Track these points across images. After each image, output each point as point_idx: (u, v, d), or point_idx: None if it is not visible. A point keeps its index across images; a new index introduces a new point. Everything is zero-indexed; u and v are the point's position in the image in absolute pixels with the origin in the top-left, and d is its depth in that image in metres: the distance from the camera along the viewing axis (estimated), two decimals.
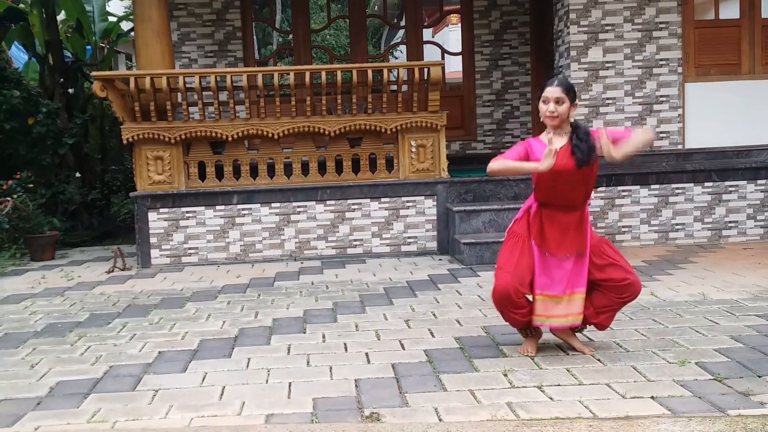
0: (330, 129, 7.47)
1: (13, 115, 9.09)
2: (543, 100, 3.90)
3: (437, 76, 7.32)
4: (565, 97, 3.85)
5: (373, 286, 6.19)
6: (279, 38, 18.71)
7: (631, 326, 4.69)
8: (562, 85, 3.88)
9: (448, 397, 3.57)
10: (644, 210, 7.71)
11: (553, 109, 3.85)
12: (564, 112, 3.87)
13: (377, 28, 21.62)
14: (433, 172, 7.60)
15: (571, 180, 3.90)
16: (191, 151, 7.60)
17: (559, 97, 3.84)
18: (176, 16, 9.29)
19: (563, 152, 3.85)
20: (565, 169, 3.84)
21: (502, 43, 9.66)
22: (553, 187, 3.94)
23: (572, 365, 3.96)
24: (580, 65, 7.70)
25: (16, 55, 13.62)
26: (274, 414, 3.43)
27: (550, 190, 3.97)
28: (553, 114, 3.86)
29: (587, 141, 3.85)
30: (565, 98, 3.85)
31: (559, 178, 3.87)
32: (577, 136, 3.89)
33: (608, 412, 3.33)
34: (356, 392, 3.67)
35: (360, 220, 7.57)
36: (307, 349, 4.42)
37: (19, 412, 3.54)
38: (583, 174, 3.91)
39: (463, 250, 6.98)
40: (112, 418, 3.44)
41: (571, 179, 3.90)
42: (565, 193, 3.96)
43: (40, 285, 6.72)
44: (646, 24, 7.73)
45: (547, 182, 3.93)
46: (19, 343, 4.76)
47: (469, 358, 4.13)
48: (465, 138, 9.70)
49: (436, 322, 4.97)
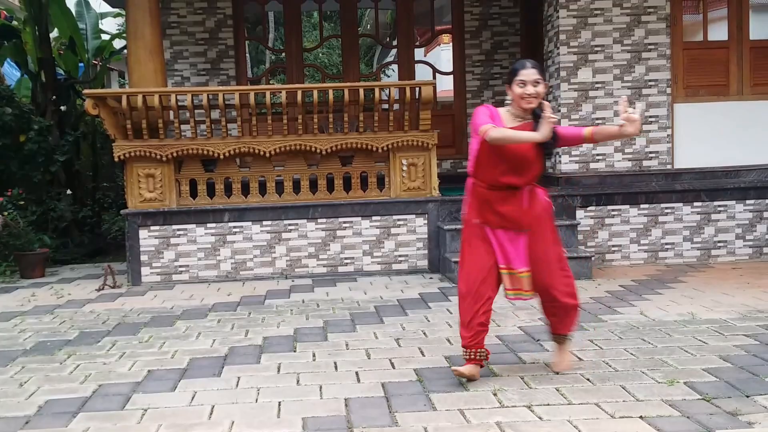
0: (321, 147, 7.50)
1: (5, 132, 9.07)
2: (519, 83, 3.90)
3: (428, 96, 7.37)
4: (541, 78, 3.92)
5: (364, 305, 6.20)
6: (272, 56, 18.79)
7: (620, 345, 4.71)
8: (537, 68, 3.94)
9: (438, 416, 3.57)
10: (634, 229, 7.76)
11: (532, 91, 3.89)
12: (541, 93, 3.94)
13: (369, 47, 21.75)
14: (425, 191, 7.63)
15: (526, 159, 3.96)
16: (183, 169, 7.61)
17: (537, 79, 3.89)
18: (169, 34, 9.34)
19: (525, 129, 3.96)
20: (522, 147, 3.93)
21: (493, 62, 9.74)
22: (501, 162, 3.97)
23: (561, 384, 3.97)
24: (570, 85, 7.77)
25: (8, 72, 13.63)
26: None
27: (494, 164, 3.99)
28: (535, 96, 3.90)
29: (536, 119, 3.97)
30: (541, 79, 3.92)
31: (516, 155, 3.94)
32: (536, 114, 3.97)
33: (597, 431, 3.33)
34: (346, 411, 3.67)
35: (351, 239, 7.58)
36: (297, 368, 4.41)
37: (7, 431, 3.52)
38: (537, 153, 4.00)
39: (453, 269, 6.98)
40: None
41: (527, 157, 3.96)
42: (509, 170, 3.99)
43: (30, 302, 6.69)
44: (636, 45, 7.81)
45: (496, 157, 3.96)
46: (8, 361, 4.73)
47: (459, 378, 4.13)
48: (456, 157, 9.74)
49: (427, 340, 4.98)
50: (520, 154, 3.94)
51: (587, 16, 7.76)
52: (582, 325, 5.25)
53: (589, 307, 5.83)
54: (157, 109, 7.26)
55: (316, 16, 20.78)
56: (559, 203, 7.70)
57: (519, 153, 3.94)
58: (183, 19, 9.47)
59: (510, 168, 3.98)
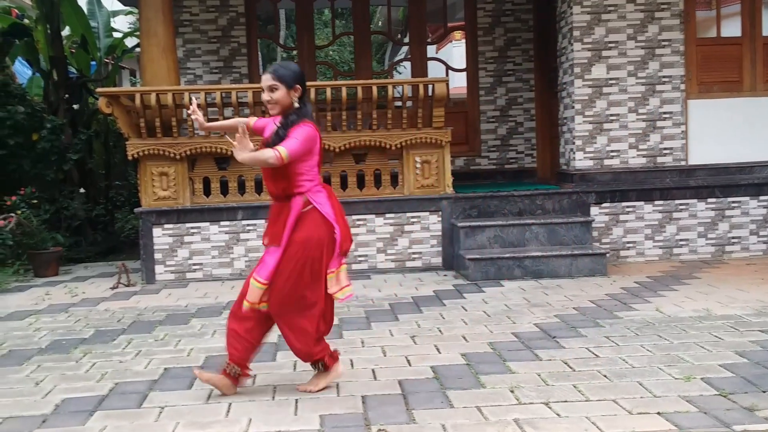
0: (335, 145, 7.49)
1: (18, 131, 9.11)
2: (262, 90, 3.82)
3: (441, 93, 7.34)
4: (278, 84, 3.73)
5: (378, 302, 6.19)
6: (283, 54, 18.80)
7: (636, 342, 4.68)
8: (273, 72, 3.76)
9: (455, 413, 3.56)
10: (648, 226, 7.72)
11: (268, 98, 3.76)
12: (281, 98, 3.75)
13: (381, 44, 21.73)
14: (438, 188, 7.62)
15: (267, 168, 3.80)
16: (196, 167, 7.62)
17: (271, 85, 3.74)
18: (182, 32, 9.35)
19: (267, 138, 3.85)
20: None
21: (506, 59, 9.70)
22: (265, 174, 3.91)
23: (579, 381, 3.95)
24: (584, 82, 7.73)
25: (19, 70, 13.69)
26: (281, 431, 3.42)
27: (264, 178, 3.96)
28: (269, 101, 3.76)
29: (283, 128, 3.76)
30: (278, 84, 3.73)
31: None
32: (281, 124, 3.80)
33: (615, 428, 3.32)
34: (363, 409, 3.66)
35: (365, 236, 7.57)
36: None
37: (24, 430, 3.54)
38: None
39: (468, 266, 6.98)
40: None
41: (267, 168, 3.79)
42: (266, 182, 3.92)
43: (44, 301, 6.72)
44: (649, 41, 7.76)
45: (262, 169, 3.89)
46: (24, 360, 4.75)
47: (476, 375, 4.13)
48: (469, 154, 9.72)
49: (442, 338, 4.96)
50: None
51: (601, 13, 7.71)
52: (598, 321, 5.24)
53: (604, 304, 5.81)
54: (171, 108, 7.27)
55: (327, 14, 20.82)
56: (574, 200, 7.67)
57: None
58: (195, 17, 9.47)
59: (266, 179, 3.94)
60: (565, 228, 7.31)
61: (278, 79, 3.73)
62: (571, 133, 7.91)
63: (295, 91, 3.77)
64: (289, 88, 3.75)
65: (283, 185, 3.81)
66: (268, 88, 3.75)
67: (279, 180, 3.81)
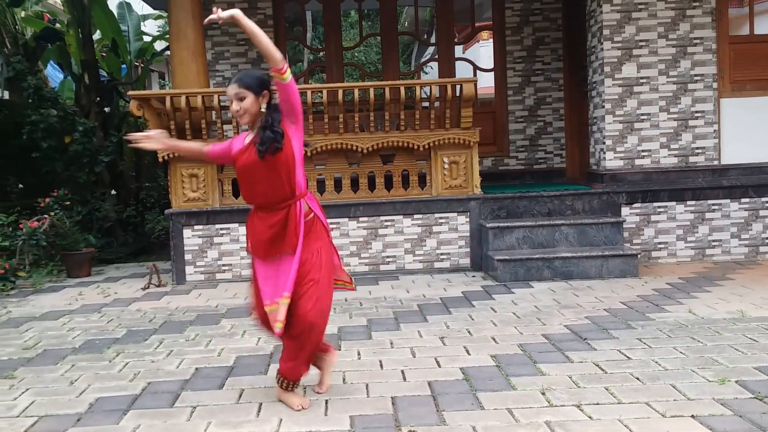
0: (363, 146, 7.50)
1: (51, 134, 9.25)
2: (228, 101, 3.68)
3: (470, 93, 7.32)
4: (245, 92, 3.58)
5: (407, 303, 6.18)
6: (309, 56, 18.86)
7: (669, 344, 4.62)
8: (238, 81, 3.61)
9: (486, 415, 3.55)
10: (680, 226, 7.62)
11: (236, 108, 3.60)
12: (250, 106, 3.59)
13: (407, 45, 21.72)
14: (466, 189, 7.59)
15: (259, 174, 3.64)
16: (225, 169, 7.66)
17: (237, 93, 3.59)
18: (210, 35, 9.42)
19: (249, 146, 3.66)
20: (248, 162, 3.64)
21: (535, 59, 9.64)
22: (248, 185, 3.73)
23: (611, 384, 3.91)
24: (614, 81, 7.65)
25: (51, 74, 13.91)
26: (311, 431, 3.43)
27: (246, 189, 3.77)
28: (238, 112, 3.60)
29: (271, 127, 3.60)
30: (245, 93, 3.58)
31: (247, 174, 3.68)
32: (262, 125, 3.62)
33: (648, 431, 3.28)
34: (393, 410, 3.66)
35: (393, 237, 7.57)
36: (342, 366, 4.41)
37: (59, 429, 3.59)
38: (270, 166, 3.61)
39: (496, 267, 6.95)
40: None
41: (258, 173, 3.64)
42: (259, 191, 3.70)
43: (78, 301, 6.81)
44: (681, 40, 7.66)
45: (241, 180, 3.75)
46: (58, 360, 4.82)
47: (506, 376, 4.10)
48: (498, 154, 9.67)
49: (472, 339, 4.94)
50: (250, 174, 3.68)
51: (631, 11, 7.63)
52: (630, 323, 5.18)
53: (636, 305, 5.74)
54: (200, 110, 7.33)
55: (353, 15, 20.86)
56: (604, 200, 7.60)
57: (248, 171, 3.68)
58: None
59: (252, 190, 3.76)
60: (595, 228, 7.24)
61: (246, 87, 3.59)
62: (601, 133, 7.83)
63: (263, 97, 3.64)
64: (257, 95, 3.61)
65: (284, 188, 3.65)
66: (236, 97, 3.60)
67: (277, 182, 3.63)
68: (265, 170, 3.61)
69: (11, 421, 3.71)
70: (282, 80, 3.50)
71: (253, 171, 3.64)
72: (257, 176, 3.64)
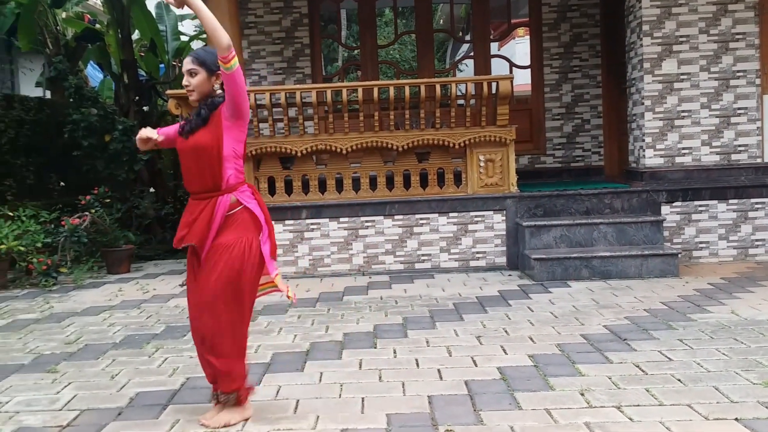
0: (398, 144, 7.48)
1: (91, 132, 9.40)
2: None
3: (506, 90, 7.26)
4: (198, 68, 3.45)
5: (443, 302, 6.15)
6: (344, 54, 18.91)
7: (711, 345, 4.53)
8: (193, 56, 3.49)
9: (524, 415, 3.51)
10: (722, 225, 7.47)
11: (186, 83, 3.47)
12: (200, 84, 3.46)
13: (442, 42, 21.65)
14: (502, 187, 7.53)
15: (187, 160, 3.52)
16: (261, 167, 7.72)
17: (191, 69, 3.46)
18: (247, 34, 9.49)
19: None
20: (180, 147, 3.54)
21: (572, 55, 9.53)
22: (182, 170, 3.58)
23: (651, 385, 3.85)
24: (654, 77, 7.52)
25: (91, 73, 14.15)
26: (348, 429, 3.43)
27: (183, 174, 3.62)
28: (187, 87, 3.47)
29: (199, 110, 3.48)
30: (198, 69, 3.45)
31: (180, 158, 3.57)
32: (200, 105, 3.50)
33: None
34: (430, 409, 3.64)
35: (428, 235, 7.55)
36: (378, 364, 4.41)
37: (101, 422, 3.64)
38: (195, 154, 3.47)
39: (533, 266, 6.89)
40: (190, 429, 3.51)
41: (186, 159, 3.52)
42: (188, 177, 3.56)
43: (117, 297, 6.92)
44: (722, 35, 7.51)
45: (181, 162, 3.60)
46: (99, 355, 4.89)
47: (544, 376, 4.06)
48: (534, 152, 9.58)
49: (509, 338, 4.90)
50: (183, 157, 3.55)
51: (671, 6, 7.49)
52: (670, 324, 5.09)
53: (677, 305, 5.64)
54: None
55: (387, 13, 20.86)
56: (643, 199, 7.48)
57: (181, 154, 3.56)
58: (260, 19, 9.60)
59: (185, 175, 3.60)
60: (634, 227, 7.13)
61: (199, 64, 3.45)
62: (640, 130, 7.71)
63: (217, 78, 3.48)
64: (211, 74, 3.47)
65: (206, 180, 3.48)
66: (188, 73, 3.47)
67: (202, 172, 3.48)
68: (192, 156, 3.49)
69: (54, 414, 3.78)
70: (226, 69, 3.32)
71: (182, 155, 3.55)
72: (185, 161, 3.54)
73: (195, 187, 3.54)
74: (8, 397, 4.07)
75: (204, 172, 3.48)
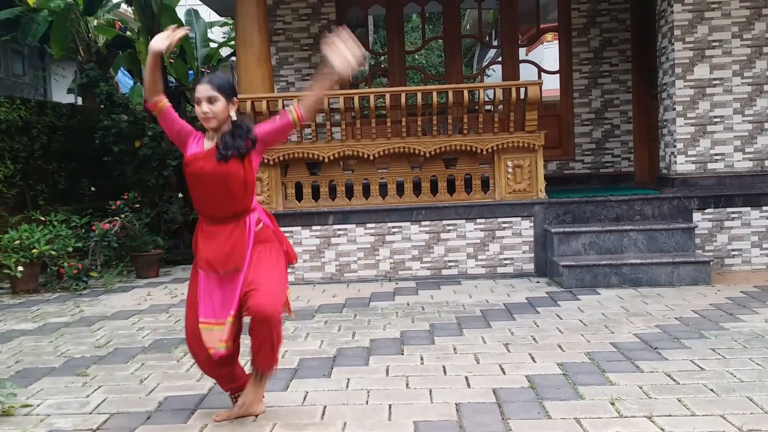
0: (425, 150, 7.47)
1: (122, 138, 9.52)
2: (196, 101, 3.46)
3: (535, 96, 7.21)
4: (218, 95, 3.41)
5: (470, 308, 6.11)
6: (371, 59, 18.94)
7: (744, 355, 4.45)
8: (212, 83, 3.43)
9: (554, 425, 3.47)
10: (756, 233, 7.34)
11: (206, 110, 3.41)
12: (221, 111, 3.43)
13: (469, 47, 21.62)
14: (530, 193, 7.48)
15: (215, 185, 3.45)
16: (289, 172, 7.75)
17: (210, 96, 3.41)
18: (275, 41, 9.55)
19: (209, 153, 3.48)
20: (204, 171, 3.45)
21: (602, 60, 9.45)
22: (201, 194, 3.53)
23: (683, 395, 3.78)
24: (685, 83, 7.42)
25: (121, 80, 14.35)
26: None
27: (198, 198, 3.57)
28: (207, 115, 3.41)
29: (238, 135, 3.45)
30: (218, 96, 3.41)
31: (200, 181, 3.48)
32: (230, 132, 3.47)
33: None
34: (457, 417, 3.61)
35: (455, 241, 7.51)
36: (405, 371, 4.39)
37: (130, 426, 3.67)
38: (228, 180, 3.44)
39: (562, 273, 6.82)
40: None
41: (215, 184, 3.45)
42: (212, 202, 3.52)
43: (146, 301, 6.97)
44: (756, 39, 7.39)
45: (194, 188, 3.54)
46: (129, 358, 4.93)
47: (574, 385, 4.01)
48: (563, 158, 9.51)
49: (537, 346, 4.85)
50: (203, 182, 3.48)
51: (703, 10, 7.40)
52: (702, 333, 5.01)
53: (709, 314, 5.55)
54: (265, 114, 7.42)
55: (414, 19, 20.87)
56: (675, 205, 7.38)
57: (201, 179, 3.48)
58: (288, 25, 9.66)
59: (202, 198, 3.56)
60: (665, 234, 7.03)
61: (219, 90, 3.43)
62: (671, 136, 7.61)
63: (233, 104, 3.50)
64: (228, 100, 3.46)
65: (242, 201, 3.52)
66: (207, 100, 3.41)
67: (238, 195, 3.49)
68: (220, 183, 3.44)
69: (85, 417, 3.81)
70: (293, 122, 3.48)
71: (204, 179, 3.47)
72: (207, 186, 3.48)
73: (217, 212, 3.53)
74: (39, 400, 4.11)
75: (234, 197, 3.49)
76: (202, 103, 3.42)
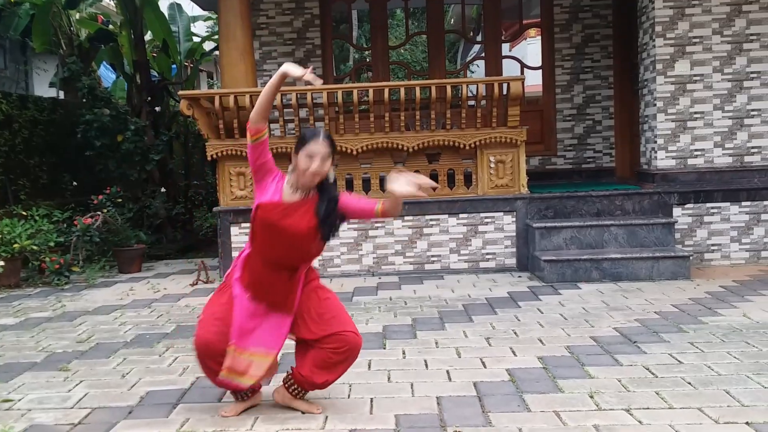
0: (408, 145, 7.49)
1: (104, 133, 9.47)
2: (308, 154, 3.31)
3: (517, 91, 7.24)
4: (331, 155, 3.38)
5: (452, 303, 6.15)
6: (355, 55, 18.93)
7: (722, 349, 4.51)
8: (329, 140, 3.36)
9: (533, 417, 3.51)
10: (735, 228, 7.43)
11: (322, 169, 3.34)
12: (326, 172, 3.39)
13: (453, 43, 21.63)
14: (513, 188, 7.52)
15: (287, 237, 3.41)
16: None
17: (327, 154, 3.34)
18: (258, 35, 9.52)
19: (301, 209, 3.42)
20: (282, 225, 3.40)
21: (584, 56, 9.51)
22: (268, 240, 3.45)
23: (661, 388, 3.83)
24: (666, 78, 7.49)
25: (104, 74, 14.25)
26: (357, 429, 3.44)
27: (265, 243, 3.47)
28: (318, 173, 3.34)
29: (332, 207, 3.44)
30: (331, 156, 3.38)
31: (274, 232, 3.42)
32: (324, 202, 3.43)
33: None
34: (438, 410, 3.64)
35: (438, 236, 7.55)
36: (387, 365, 4.42)
37: (112, 420, 3.67)
38: (311, 230, 3.41)
39: (543, 267, 6.87)
40: (200, 428, 3.52)
41: (287, 237, 3.41)
42: (278, 250, 3.46)
43: (129, 296, 6.95)
44: (736, 36, 7.47)
45: (264, 233, 3.46)
46: (111, 353, 4.92)
47: (553, 378, 4.05)
48: (545, 153, 9.56)
49: (518, 340, 4.89)
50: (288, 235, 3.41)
51: (684, 7, 7.46)
52: (681, 326, 5.07)
53: (688, 308, 5.62)
54: (248, 109, 7.40)
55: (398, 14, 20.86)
56: (655, 200, 7.45)
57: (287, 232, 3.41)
58: (272, 20, 9.63)
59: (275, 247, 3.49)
60: (645, 229, 7.10)
61: (333, 150, 3.40)
62: (652, 132, 7.68)
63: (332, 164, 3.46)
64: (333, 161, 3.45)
65: (310, 259, 3.59)
66: (322, 157, 3.32)
67: (310, 251, 3.52)
68: (304, 236, 3.42)
69: (66, 412, 3.81)
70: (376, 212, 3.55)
71: (285, 235, 3.41)
72: (287, 239, 3.42)
73: (284, 260, 3.49)
74: (21, 395, 4.10)
75: (307, 252, 3.52)
76: (317, 160, 3.31)
